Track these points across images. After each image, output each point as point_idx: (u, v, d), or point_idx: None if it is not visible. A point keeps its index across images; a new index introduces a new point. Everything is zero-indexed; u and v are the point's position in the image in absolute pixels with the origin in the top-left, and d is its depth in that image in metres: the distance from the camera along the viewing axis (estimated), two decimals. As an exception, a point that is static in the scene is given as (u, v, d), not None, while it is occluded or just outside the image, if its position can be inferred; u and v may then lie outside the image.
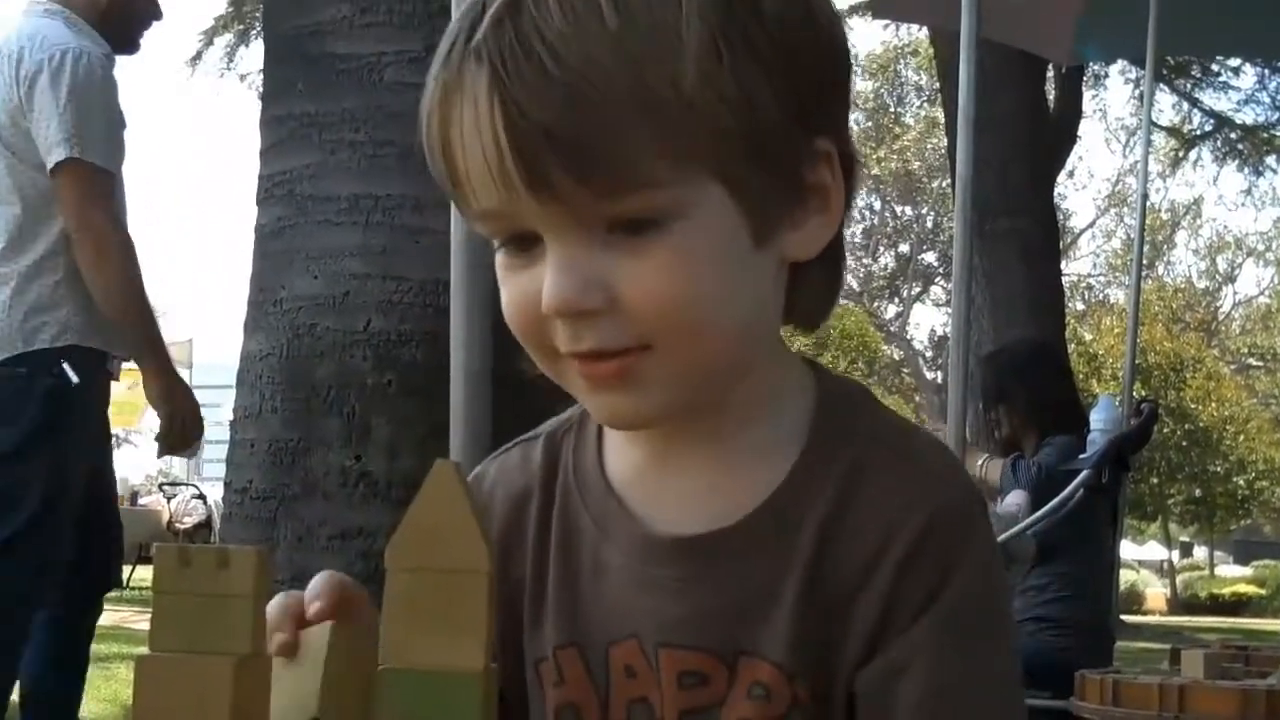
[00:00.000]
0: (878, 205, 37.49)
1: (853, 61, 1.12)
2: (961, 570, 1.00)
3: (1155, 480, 32.39)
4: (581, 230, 0.97)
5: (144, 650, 0.66)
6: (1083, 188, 59.91)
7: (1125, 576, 29.48)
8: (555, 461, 1.14)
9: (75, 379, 4.02)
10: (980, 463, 5.22)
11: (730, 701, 1.03)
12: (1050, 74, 15.59)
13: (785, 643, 1.02)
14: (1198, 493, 34.84)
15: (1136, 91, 24.58)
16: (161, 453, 4.21)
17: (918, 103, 35.68)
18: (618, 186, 0.94)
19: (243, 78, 24.32)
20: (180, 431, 4.20)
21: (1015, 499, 4.94)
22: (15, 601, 3.96)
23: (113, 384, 4.61)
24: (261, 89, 6.94)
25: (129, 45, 4.64)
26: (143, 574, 16.58)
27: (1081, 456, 4.86)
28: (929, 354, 38.73)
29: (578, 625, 1.09)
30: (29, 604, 4.03)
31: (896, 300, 39.66)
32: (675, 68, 0.93)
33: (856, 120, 36.01)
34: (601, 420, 1.08)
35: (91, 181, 4.02)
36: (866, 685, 1.01)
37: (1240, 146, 26.23)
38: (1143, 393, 22.67)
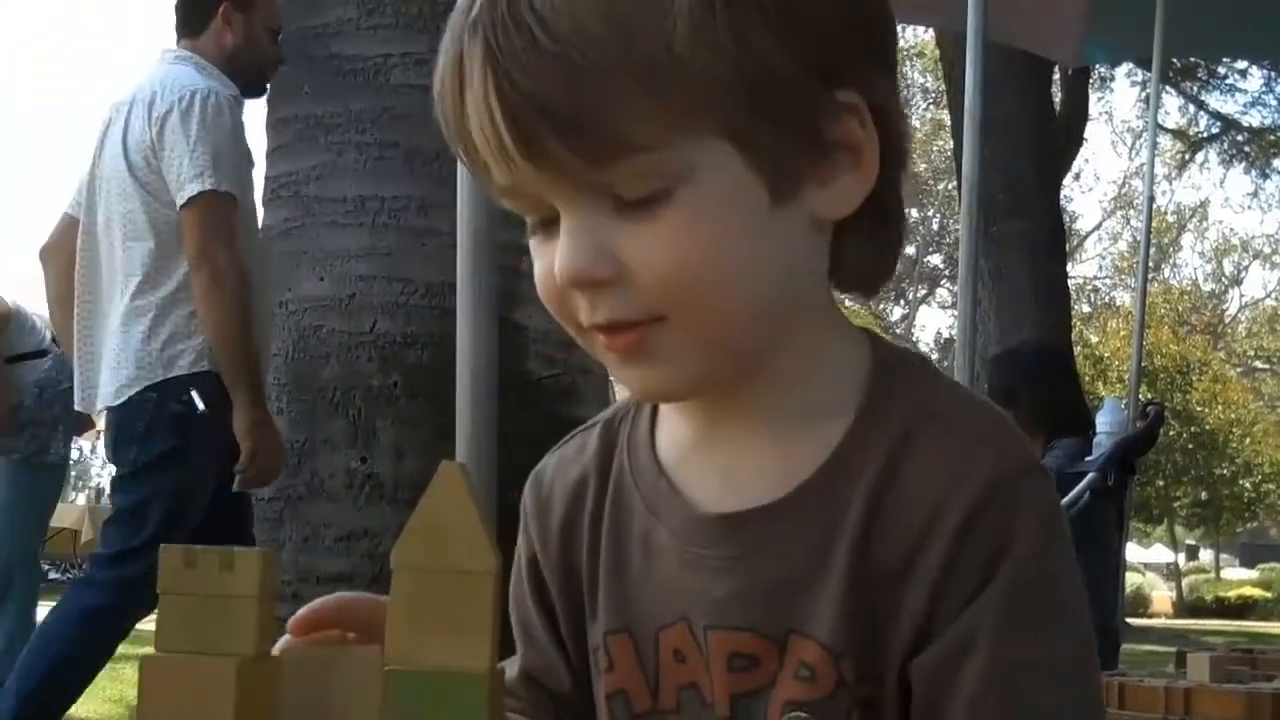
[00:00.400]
0: (884, 207, 37.41)
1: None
2: (1019, 544, 0.95)
3: (1161, 483, 32.36)
4: (590, 199, 0.96)
5: (150, 651, 0.66)
6: (1089, 190, 60.08)
7: (1131, 579, 29.44)
8: (611, 447, 1.13)
9: (201, 406, 4.19)
10: None
11: (779, 682, 1.00)
12: (1056, 76, 15.59)
13: (831, 621, 0.98)
14: (1204, 495, 34.83)
15: (1143, 94, 24.56)
16: (239, 487, 4.34)
17: (924, 105, 35.63)
18: (613, 152, 0.93)
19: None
20: (259, 468, 4.34)
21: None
22: (122, 610, 4.20)
23: None
24: (267, 90, 6.95)
25: (256, 88, 5.01)
26: (148, 575, 16.62)
27: (1087, 459, 4.87)
28: (935, 356, 38.74)
29: (628, 610, 1.07)
30: (135, 614, 4.28)
31: (902, 302, 39.65)
32: (666, 26, 0.91)
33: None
34: (634, 394, 1.07)
35: (216, 215, 4.20)
36: (924, 671, 0.97)
37: (1247, 149, 26.26)
38: (1149, 395, 22.62)
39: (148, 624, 0.65)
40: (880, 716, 0.99)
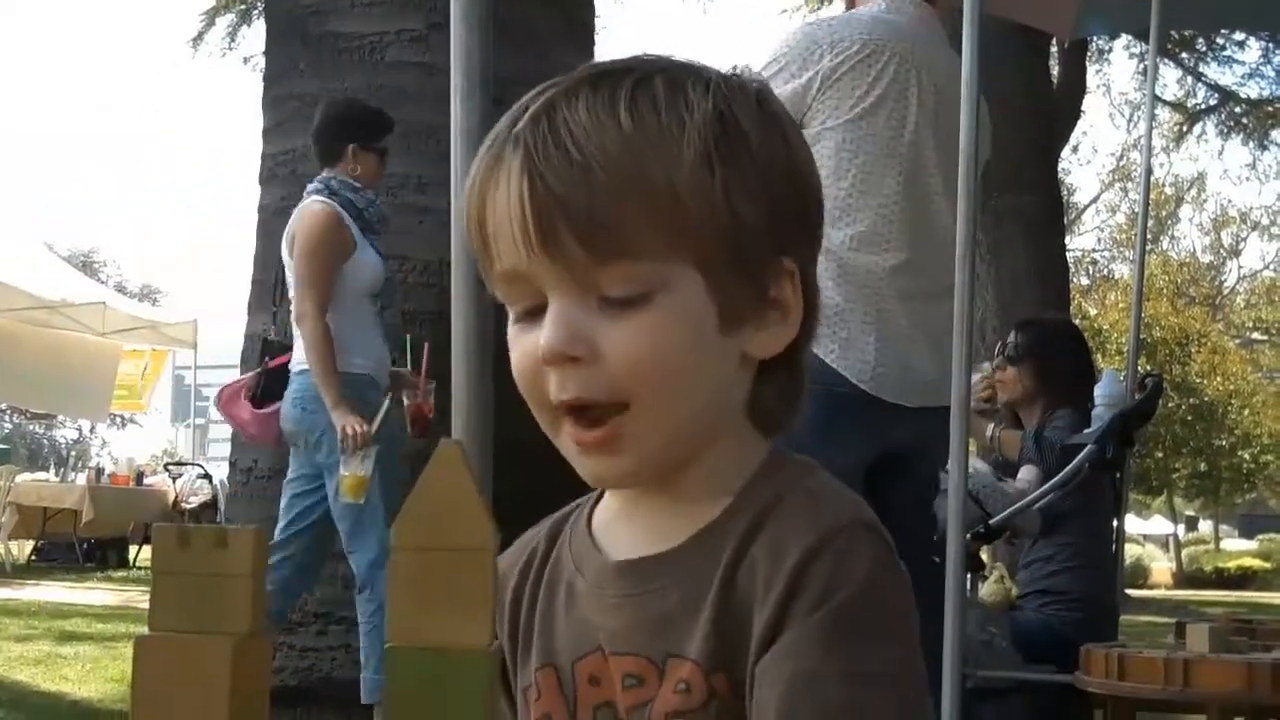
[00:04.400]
0: (881, 181, 37.43)
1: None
2: (848, 583, 1.13)
3: (1160, 455, 32.38)
4: (579, 293, 1.16)
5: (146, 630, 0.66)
6: (1087, 163, 59.79)
7: (1130, 551, 29.47)
8: (562, 525, 1.34)
9: None
10: (990, 431, 5.24)
11: (661, 696, 1.19)
12: (1053, 49, 15.57)
13: (703, 644, 1.17)
14: (1203, 467, 34.84)
15: (1140, 66, 24.49)
16: None
17: (921, 78, 35.56)
18: (612, 253, 1.14)
19: (246, 60, 24.30)
20: None
21: (1026, 475, 4.96)
22: None
23: (119, 367, 4.71)
24: (263, 69, 6.94)
25: None
26: (148, 554, 16.68)
27: (1086, 431, 4.87)
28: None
29: (552, 648, 1.27)
30: None
31: (901, 276, 39.62)
32: (673, 169, 1.15)
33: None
34: (588, 480, 1.25)
35: None
36: (755, 675, 1.14)
37: (1245, 120, 26.18)
38: (1147, 367, 22.67)
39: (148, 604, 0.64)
40: None
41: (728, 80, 1.22)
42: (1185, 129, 28.77)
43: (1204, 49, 23.29)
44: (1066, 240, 17.60)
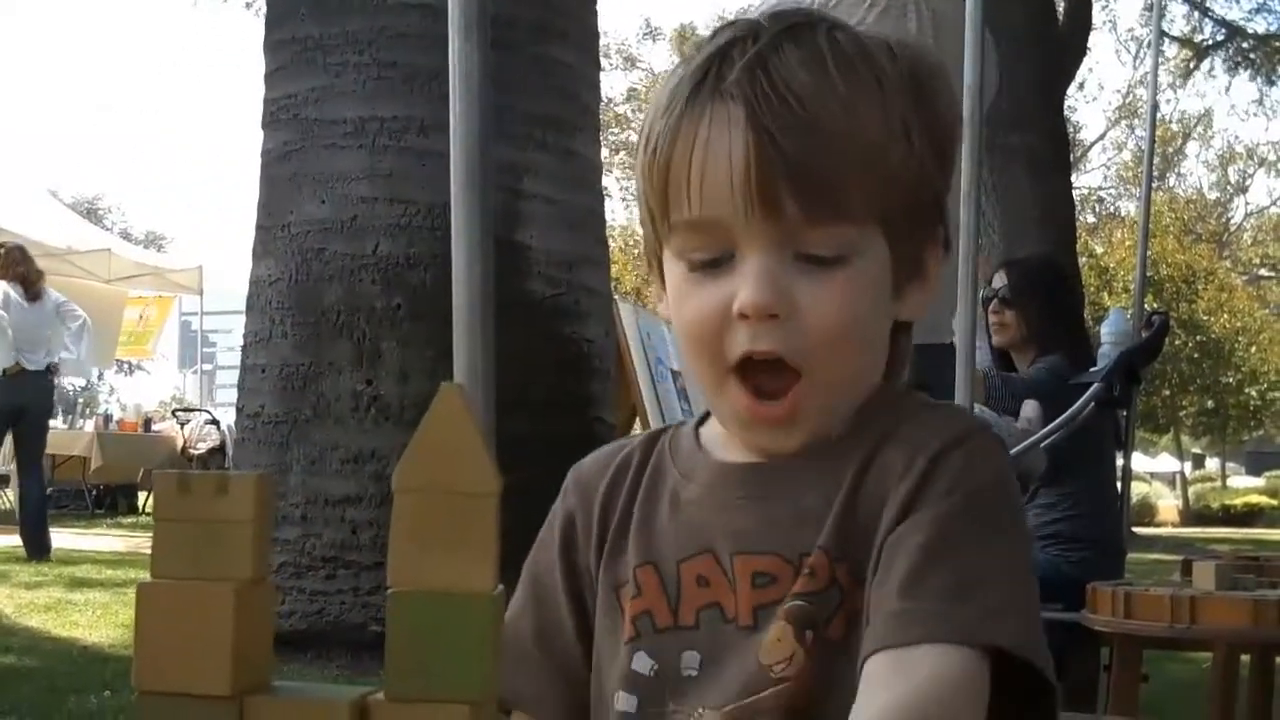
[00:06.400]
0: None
1: None
2: (978, 477, 1.18)
3: (1167, 392, 32.39)
4: (780, 251, 1.19)
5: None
6: (1093, 100, 59.67)
7: (1137, 489, 29.54)
8: (654, 443, 1.37)
9: None
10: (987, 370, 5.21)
11: (793, 591, 1.21)
12: (1059, -15, 15.45)
13: (830, 534, 1.20)
14: (1210, 404, 34.85)
15: (1147, 1, 24.36)
16: None
17: (925, 16, 35.34)
18: (826, 215, 1.17)
19: (249, 5, 24.20)
20: None
21: (1029, 412, 4.93)
22: None
23: (124, 315, 4.70)
24: (265, 13, 6.90)
25: None
26: (158, 500, 16.71)
27: (1092, 370, 4.85)
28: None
29: (653, 548, 1.29)
30: None
31: (906, 216, 39.53)
32: (884, 133, 1.19)
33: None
34: (751, 445, 1.28)
35: None
36: (885, 546, 1.18)
37: (1252, 55, 26.06)
38: (1154, 305, 22.62)
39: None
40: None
41: (906, 46, 1.26)
42: (1192, 64, 28.67)
43: (1211, -16, 23.13)
44: (1072, 178, 17.54)
